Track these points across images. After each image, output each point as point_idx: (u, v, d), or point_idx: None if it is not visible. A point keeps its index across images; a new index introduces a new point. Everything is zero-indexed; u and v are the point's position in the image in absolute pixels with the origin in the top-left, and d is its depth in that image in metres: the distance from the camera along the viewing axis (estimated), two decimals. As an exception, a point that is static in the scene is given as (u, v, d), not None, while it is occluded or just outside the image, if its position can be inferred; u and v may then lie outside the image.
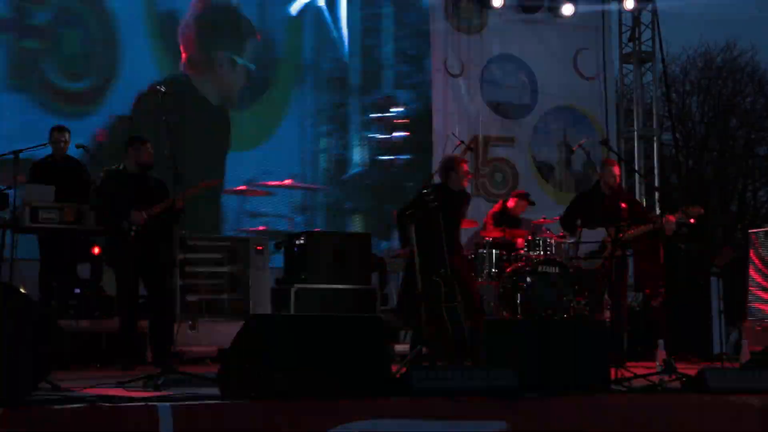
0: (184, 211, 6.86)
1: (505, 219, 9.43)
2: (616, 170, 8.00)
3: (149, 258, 6.91)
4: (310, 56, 11.72)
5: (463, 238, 10.22)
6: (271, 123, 11.24)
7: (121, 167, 7.08)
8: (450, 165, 7.21)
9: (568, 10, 12.63)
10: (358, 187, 11.86)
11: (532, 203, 9.77)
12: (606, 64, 13.25)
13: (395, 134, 12.27)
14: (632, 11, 13.31)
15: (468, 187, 7.31)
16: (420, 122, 12.33)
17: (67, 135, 8.14)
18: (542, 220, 9.77)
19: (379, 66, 12.30)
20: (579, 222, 8.00)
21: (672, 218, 7.34)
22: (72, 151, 8.27)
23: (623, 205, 7.70)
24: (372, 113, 12.12)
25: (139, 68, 10.33)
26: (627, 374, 5.41)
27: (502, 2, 12.42)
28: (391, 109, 12.26)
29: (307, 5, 11.67)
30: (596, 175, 8.33)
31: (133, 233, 6.82)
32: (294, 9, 11.59)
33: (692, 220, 7.53)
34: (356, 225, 11.53)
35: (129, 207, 6.85)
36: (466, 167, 7.28)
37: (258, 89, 11.24)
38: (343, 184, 11.76)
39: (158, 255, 6.91)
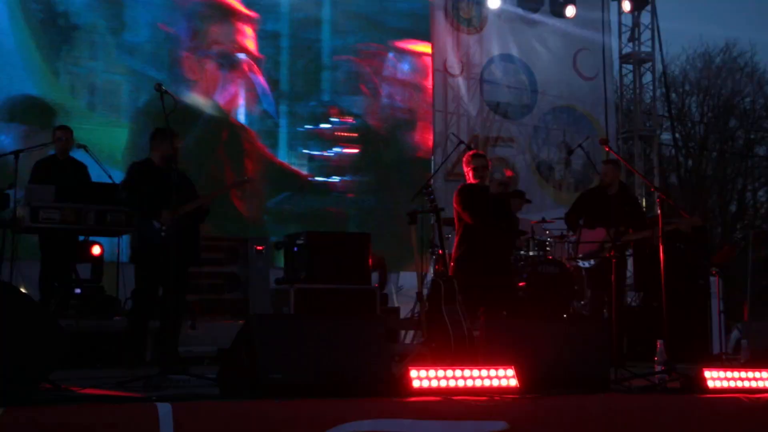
0: (209, 211, 6.77)
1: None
2: (606, 169, 7.94)
3: (177, 258, 6.49)
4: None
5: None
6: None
7: (147, 160, 6.74)
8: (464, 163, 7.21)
9: (570, 12, 12.65)
10: (284, 216, 11.27)
11: (528, 201, 9.78)
12: (606, 64, 13.27)
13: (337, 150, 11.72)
14: (630, 12, 13.34)
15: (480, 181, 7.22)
16: (374, 134, 11.92)
17: (69, 134, 8.14)
18: (542, 220, 9.78)
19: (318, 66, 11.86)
20: (581, 221, 7.97)
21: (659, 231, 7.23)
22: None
23: (626, 208, 7.68)
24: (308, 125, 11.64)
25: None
26: (627, 374, 5.42)
27: (499, 4, 12.44)
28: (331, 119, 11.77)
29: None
30: (595, 176, 8.34)
31: (163, 233, 6.51)
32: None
33: (689, 229, 7.53)
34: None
35: (159, 204, 6.53)
36: (467, 161, 7.26)
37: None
38: (267, 212, 11.17)
39: (182, 255, 6.51)
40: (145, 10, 10.80)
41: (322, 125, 11.66)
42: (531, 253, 9.14)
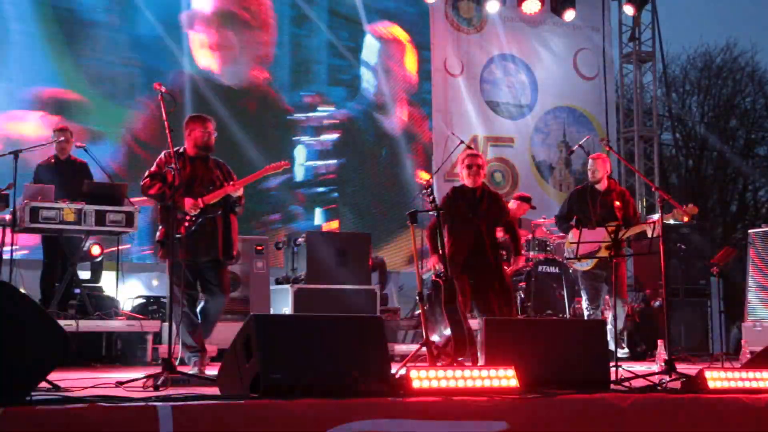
0: (243, 199, 6.33)
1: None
2: (597, 165, 7.91)
3: (202, 253, 6.17)
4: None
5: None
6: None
7: (180, 150, 6.29)
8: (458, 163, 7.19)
9: (569, 16, 12.66)
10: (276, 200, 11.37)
11: (533, 207, 9.79)
12: (606, 64, 13.27)
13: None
14: (633, 15, 13.35)
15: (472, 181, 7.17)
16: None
17: (69, 135, 8.15)
18: (542, 220, 9.78)
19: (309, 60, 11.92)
20: (573, 221, 7.94)
21: (658, 222, 7.14)
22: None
23: (617, 203, 7.70)
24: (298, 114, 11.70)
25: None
26: (627, 374, 5.42)
27: (499, 6, 12.45)
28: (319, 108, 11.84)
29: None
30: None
31: (186, 223, 6.06)
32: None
33: (686, 219, 7.46)
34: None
35: (184, 194, 6.08)
36: (464, 161, 7.22)
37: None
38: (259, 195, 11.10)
39: (212, 250, 6.18)
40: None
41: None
42: (531, 253, 9.14)
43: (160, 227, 6.22)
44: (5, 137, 9.83)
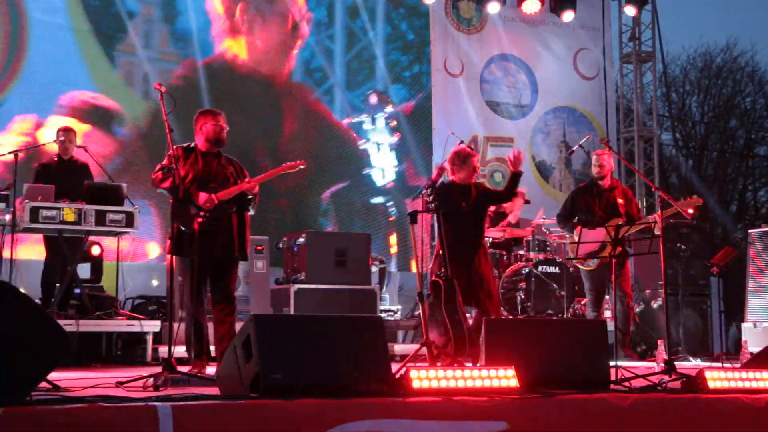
0: (258, 197, 6.18)
1: (501, 218, 9.44)
2: (603, 160, 7.84)
3: (216, 250, 6.01)
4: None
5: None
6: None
7: (191, 145, 6.18)
8: (464, 158, 7.02)
9: (568, 17, 12.65)
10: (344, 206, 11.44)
11: (527, 201, 9.78)
12: (606, 64, 13.27)
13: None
14: (635, 15, 13.34)
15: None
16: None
17: (73, 135, 8.15)
18: (542, 220, 9.78)
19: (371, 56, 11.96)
20: (576, 219, 7.93)
21: (658, 216, 7.07)
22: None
23: (620, 200, 7.67)
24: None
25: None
26: (627, 374, 5.41)
27: (500, 7, 12.45)
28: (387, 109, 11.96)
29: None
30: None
31: (200, 218, 5.89)
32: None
33: (691, 212, 7.38)
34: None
35: (197, 189, 5.96)
36: (476, 162, 7.19)
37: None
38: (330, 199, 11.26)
39: (225, 247, 6.05)
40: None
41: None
42: (531, 253, 9.14)
43: (172, 223, 6.02)
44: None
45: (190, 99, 10.12)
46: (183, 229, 5.80)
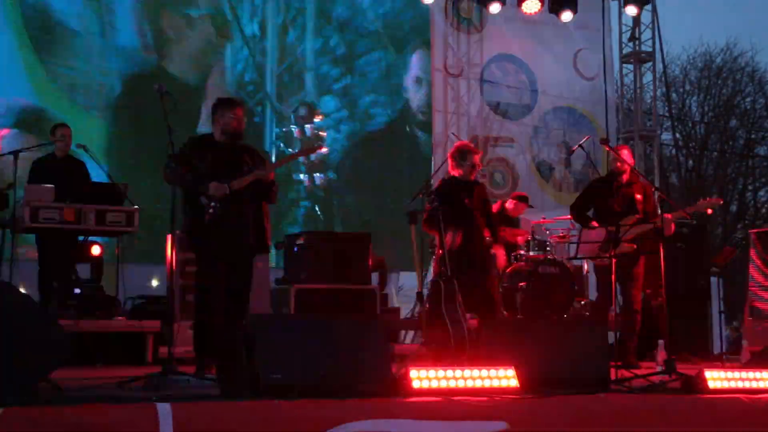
0: (276, 185, 5.86)
1: (502, 220, 9.43)
2: (622, 154, 7.46)
3: (232, 242, 5.69)
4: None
5: (463, 238, 10.23)
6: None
7: (206, 135, 5.95)
8: (464, 154, 7.01)
9: (567, 17, 12.64)
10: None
11: (530, 206, 9.77)
12: (606, 64, 13.27)
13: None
14: (637, 15, 13.34)
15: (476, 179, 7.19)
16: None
17: (69, 132, 8.14)
18: (542, 220, 9.77)
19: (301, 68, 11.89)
20: (591, 213, 7.56)
21: (669, 216, 6.98)
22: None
23: (638, 196, 7.40)
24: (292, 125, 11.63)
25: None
26: (627, 374, 5.42)
27: (500, 7, 12.45)
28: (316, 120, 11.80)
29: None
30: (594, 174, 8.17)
31: (212, 210, 5.59)
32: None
33: (710, 212, 7.28)
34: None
35: (210, 179, 5.63)
36: (476, 159, 7.20)
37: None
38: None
39: (243, 239, 5.73)
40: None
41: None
42: (531, 253, 9.13)
43: (184, 218, 5.77)
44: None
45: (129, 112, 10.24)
46: (194, 222, 5.47)
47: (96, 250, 8.52)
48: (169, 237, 6.27)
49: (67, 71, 10.51)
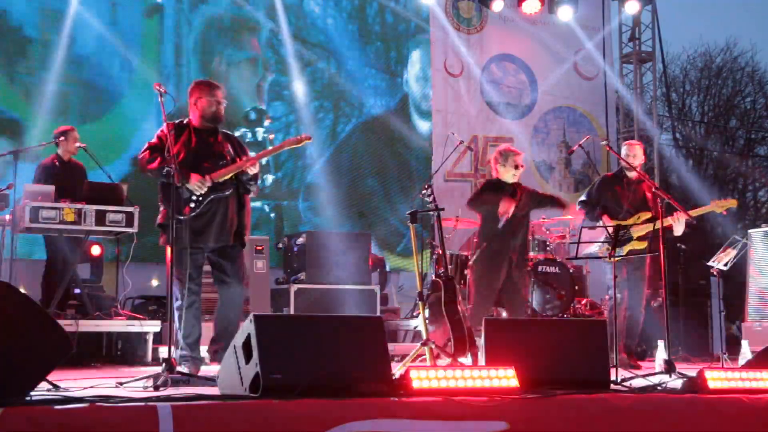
0: (259, 178, 5.66)
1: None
2: (636, 150, 7.42)
3: (213, 237, 5.51)
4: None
5: (463, 238, 10.25)
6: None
7: (185, 121, 5.64)
8: (506, 156, 7.26)
9: (564, 14, 12.62)
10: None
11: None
12: (606, 64, 13.27)
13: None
14: (637, 14, 13.34)
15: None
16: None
17: (75, 137, 8.15)
18: (542, 220, 9.77)
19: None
20: (600, 208, 7.45)
21: (687, 215, 6.87)
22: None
23: (648, 194, 7.31)
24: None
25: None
26: (627, 374, 5.42)
27: (502, 4, 12.45)
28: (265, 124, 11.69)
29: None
30: (595, 176, 8.16)
31: (193, 203, 5.39)
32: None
33: (725, 212, 7.25)
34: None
35: (191, 169, 5.39)
36: (518, 160, 7.27)
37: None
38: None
39: (222, 234, 5.52)
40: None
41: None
42: (531, 253, 9.13)
43: (161, 208, 5.55)
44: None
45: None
46: (174, 215, 5.10)
47: (96, 250, 8.53)
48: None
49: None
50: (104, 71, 10.67)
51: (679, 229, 7.03)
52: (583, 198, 7.75)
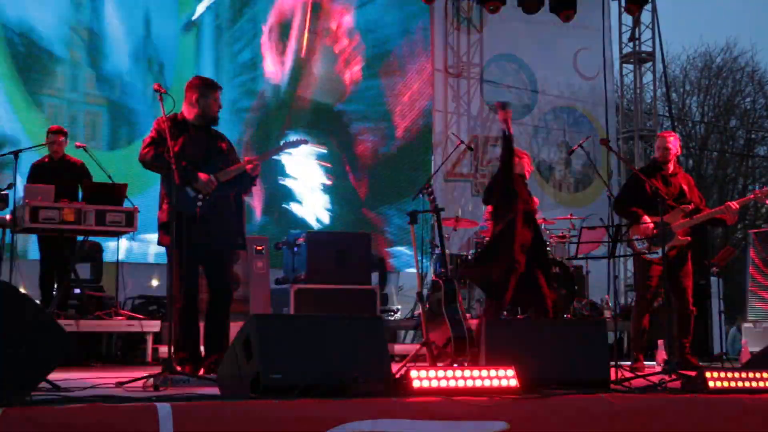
0: (257, 179, 5.64)
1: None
2: (668, 142, 7.00)
3: (213, 239, 5.46)
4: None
5: (463, 238, 10.27)
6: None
7: (180, 117, 5.52)
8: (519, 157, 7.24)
9: (568, 17, 12.62)
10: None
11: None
12: (606, 64, 13.27)
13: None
14: (635, 14, 13.32)
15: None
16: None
17: (63, 137, 8.16)
18: (542, 220, 9.77)
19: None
20: (636, 205, 6.98)
21: (735, 205, 6.69)
22: (71, 150, 8.28)
23: (685, 186, 7.01)
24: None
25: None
26: (627, 374, 5.42)
27: (501, 6, 12.45)
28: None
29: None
30: (596, 176, 8.14)
31: (200, 204, 5.33)
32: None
33: (767, 201, 7.16)
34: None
35: (196, 168, 5.33)
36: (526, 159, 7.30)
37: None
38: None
39: (223, 235, 5.48)
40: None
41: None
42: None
43: (163, 205, 5.46)
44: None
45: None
46: (179, 214, 5.05)
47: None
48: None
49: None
50: (136, 90, 10.55)
51: (733, 218, 6.85)
52: (617, 197, 7.33)
